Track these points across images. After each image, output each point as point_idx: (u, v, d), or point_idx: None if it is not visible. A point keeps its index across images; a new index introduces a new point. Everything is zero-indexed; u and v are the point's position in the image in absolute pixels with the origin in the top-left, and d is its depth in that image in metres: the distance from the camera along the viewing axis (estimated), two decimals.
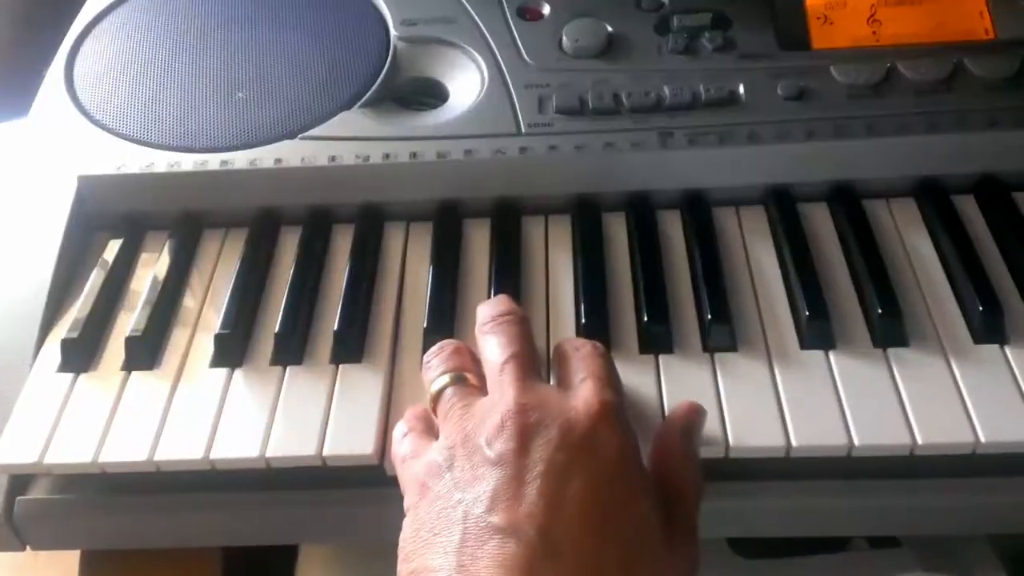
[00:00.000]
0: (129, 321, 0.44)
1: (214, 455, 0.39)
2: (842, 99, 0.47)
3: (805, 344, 0.41)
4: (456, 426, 0.35)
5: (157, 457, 0.39)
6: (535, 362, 0.37)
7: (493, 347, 0.37)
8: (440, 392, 0.37)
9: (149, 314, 0.44)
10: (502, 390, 0.35)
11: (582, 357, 0.37)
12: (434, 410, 0.37)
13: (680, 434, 0.37)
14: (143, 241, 0.49)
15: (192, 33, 0.54)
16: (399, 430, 0.38)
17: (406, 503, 0.34)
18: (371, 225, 0.48)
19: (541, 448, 0.32)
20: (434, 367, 0.38)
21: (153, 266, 0.47)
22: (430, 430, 0.37)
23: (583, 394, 0.34)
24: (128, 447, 0.39)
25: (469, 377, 0.37)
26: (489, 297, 0.43)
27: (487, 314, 0.39)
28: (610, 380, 0.36)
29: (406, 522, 0.34)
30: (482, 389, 0.37)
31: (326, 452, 0.39)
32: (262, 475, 0.40)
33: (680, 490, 0.35)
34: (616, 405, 0.34)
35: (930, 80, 0.47)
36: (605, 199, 0.48)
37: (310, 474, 0.40)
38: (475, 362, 0.38)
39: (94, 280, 0.46)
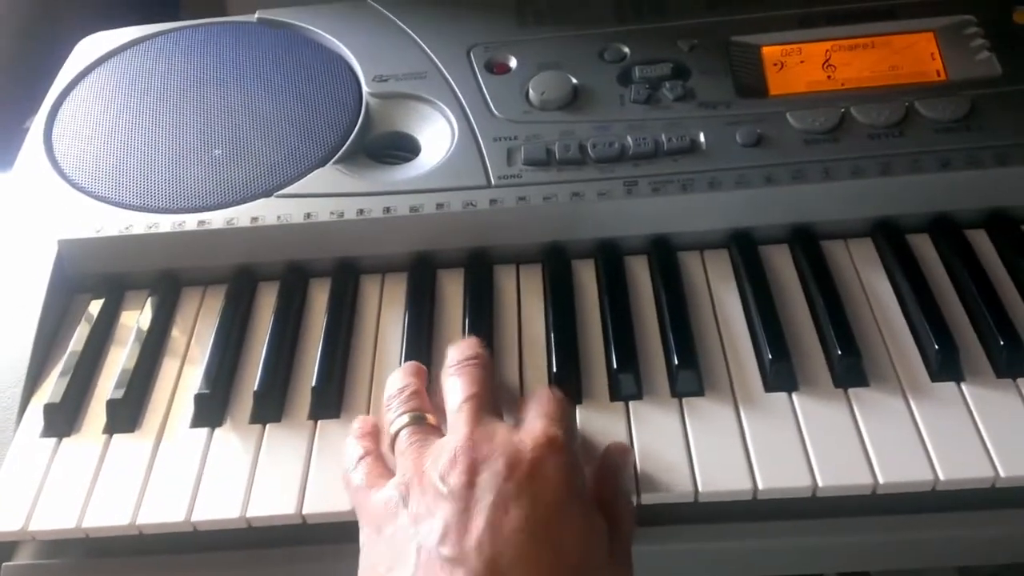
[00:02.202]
0: (110, 383, 0.45)
1: (195, 517, 0.39)
2: (798, 144, 0.48)
3: (769, 386, 0.43)
4: (412, 463, 0.36)
5: (139, 521, 0.40)
6: (493, 403, 0.39)
7: (454, 389, 0.39)
8: (398, 432, 0.38)
9: (130, 376, 0.45)
10: (455, 428, 0.37)
11: (537, 398, 0.39)
12: (392, 448, 0.39)
13: (616, 470, 0.39)
14: (123, 301, 0.50)
15: (168, 94, 0.55)
16: (353, 451, 0.39)
17: (361, 537, 0.36)
18: (347, 279, 0.49)
19: (489, 479, 0.34)
20: (394, 408, 0.40)
21: (133, 326, 0.48)
22: (380, 458, 0.39)
23: (531, 428, 0.36)
24: (110, 511, 0.40)
25: (428, 418, 0.39)
26: None
27: (453, 357, 0.41)
28: (560, 417, 0.38)
29: (361, 556, 0.35)
30: (440, 430, 0.39)
31: (305, 511, 0.39)
32: (245, 534, 0.41)
33: (616, 519, 0.37)
34: (562, 439, 0.36)
35: (883, 124, 0.49)
36: (574, 247, 0.49)
37: (292, 531, 0.40)
38: (435, 405, 0.40)
39: (75, 343, 0.47)
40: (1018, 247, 0.47)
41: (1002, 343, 0.42)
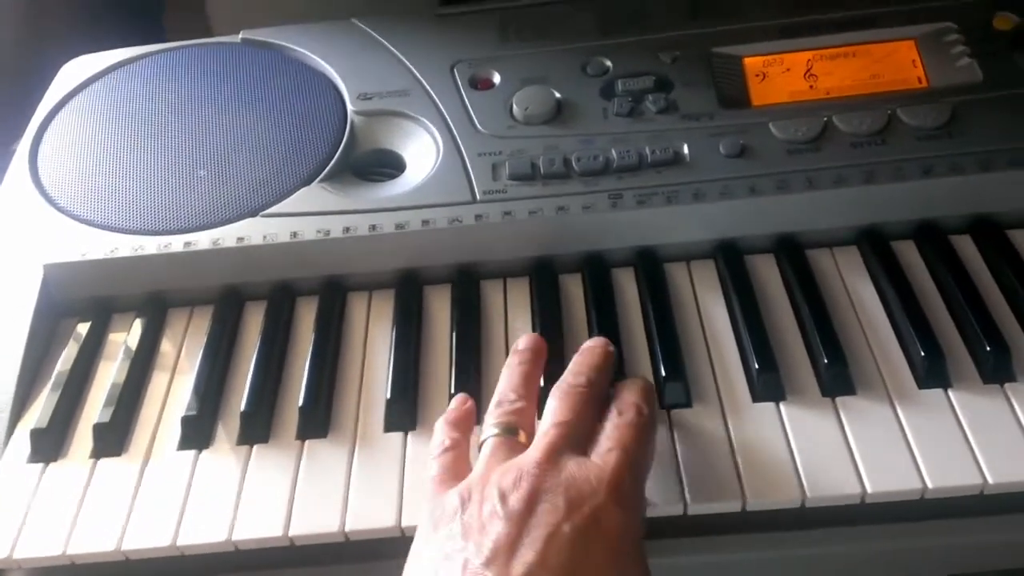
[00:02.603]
0: (97, 406, 0.45)
1: (181, 542, 0.39)
2: (781, 154, 0.49)
3: (756, 397, 0.42)
4: (483, 474, 0.36)
5: (125, 547, 0.39)
6: (583, 434, 0.37)
7: (550, 410, 0.38)
8: (487, 439, 0.38)
9: (116, 399, 0.44)
10: (533, 449, 0.36)
11: (618, 425, 0.37)
12: (479, 448, 0.38)
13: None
14: (110, 324, 0.50)
15: (152, 115, 0.55)
16: (438, 436, 0.40)
17: (420, 528, 0.36)
18: (334, 297, 0.49)
19: (547, 513, 0.33)
20: (495, 415, 0.39)
21: (120, 349, 0.48)
22: (463, 455, 0.39)
23: (600, 467, 0.35)
24: (96, 537, 0.40)
25: (521, 435, 0.38)
26: (451, 366, 0.45)
27: (568, 375, 0.39)
28: (635, 455, 0.36)
29: (416, 548, 0.35)
30: (527, 447, 0.38)
31: (292, 532, 0.39)
32: (233, 557, 0.40)
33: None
34: (630, 488, 0.35)
35: (865, 132, 0.49)
36: (561, 261, 0.49)
37: (281, 553, 0.40)
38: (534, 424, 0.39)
39: (61, 366, 0.47)
40: (1003, 252, 0.47)
41: (988, 349, 0.42)
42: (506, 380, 0.41)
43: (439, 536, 0.34)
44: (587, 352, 0.41)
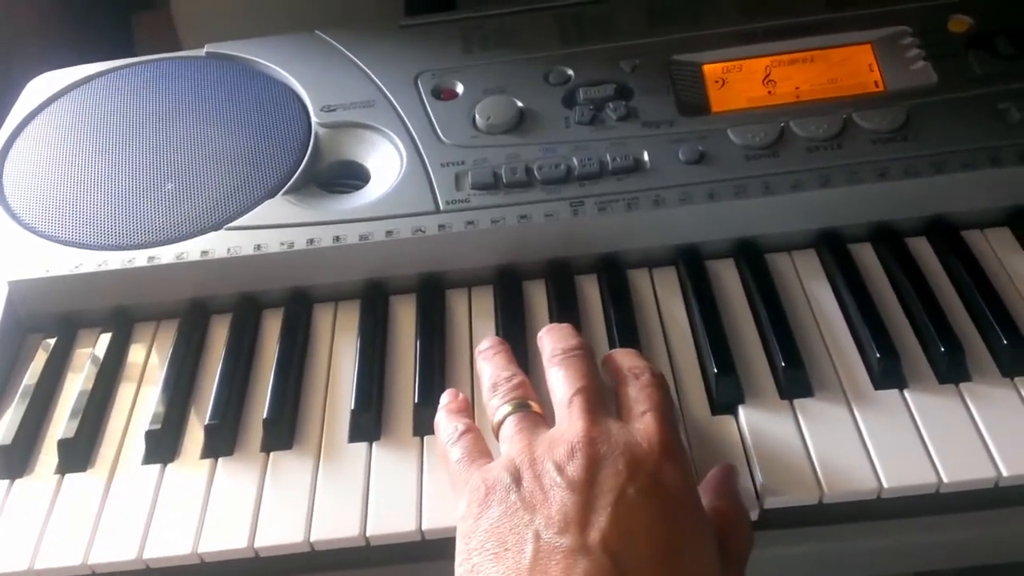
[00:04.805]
0: (62, 422, 0.45)
1: (147, 555, 0.39)
2: (739, 160, 0.49)
3: (716, 403, 0.43)
4: (523, 449, 0.36)
5: (91, 560, 0.40)
6: (602, 395, 0.38)
7: (561, 380, 0.39)
8: (505, 418, 0.38)
9: (81, 415, 0.45)
10: (571, 421, 0.36)
11: (642, 387, 0.38)
12: (496, 434, 0.39)
13: (733, 484, 0.39)
14: (75, 339, 0.50)
15: (117, 130, 0.55)
16: (449, 425, 0.40)
17: (463, 510, 0.35)
18: (299, 309, 0.49)
19: (610, 479, 0.34)
20: (500, 395, 0.40)
21: (86, 363, 0.48)
22: (481, 436, 0.39)
23: (646, 429, 0.36)
24: (62, 552, 0.40)
25: (533, 406, 0.39)
26: (415, 376, 0.45)
27: (555, 347, 0.40)
28: (670, 414, 0.37)
29: (466, 528, 0.35)
30: (546, 420, 0.39)
31: (257, 544, 0.39)
32: (199, 569, 0.41)
33: (732, 533, 0.37)
34: (677, 442, 0.36)
35: (821, 136, 0.50)
36: (524, 268, 0.50)
37: (245, 566, 0.40)
38: (537, 394, 0.40)
39: (27, 381, 0.47)
40: (957, 252, 0.48)
41: (943, 349, 0.43)
42: (490, 367, 0.42)
43: (494, 512, 0.34)
44: (554, 328, 0.42)
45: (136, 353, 0.49)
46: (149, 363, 0.48)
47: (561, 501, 0.33)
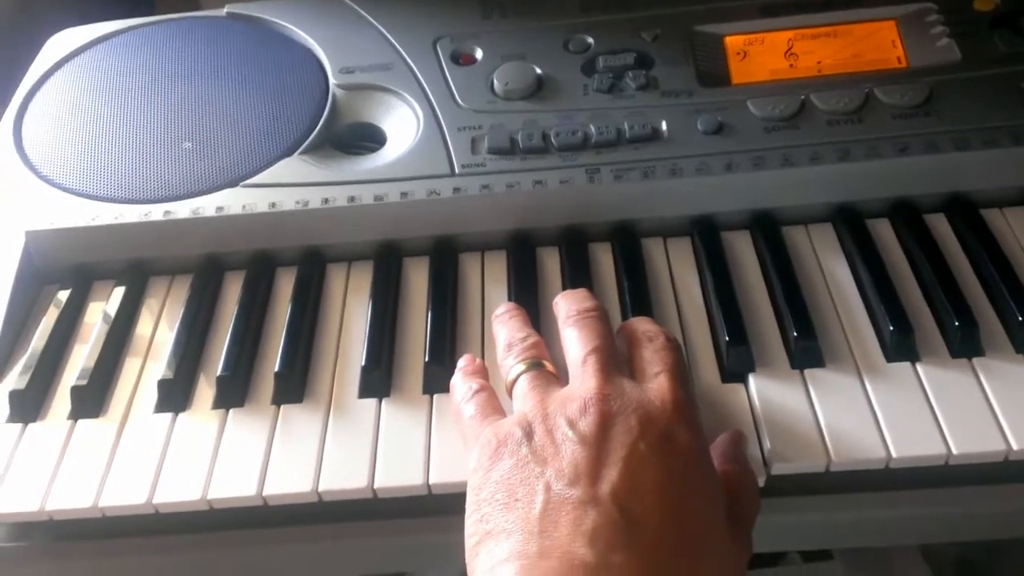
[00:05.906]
0: (76, 370, 0.45)
1: (157, 499, 0.40)
2: (758, 132, 0.49)
3: (727, 370, 0.43)
4: (536, 405, 0.36)
5: (102, 503, 0.40)
6: (616, 356, 0.39)
7: (575, 340, 0.39)
8: (518, 377, 0.39)
9: (95, 362, 0.45)
10: (584, 379, 0.37)
11: (656, 349, 0.38)
12: (510, 392, 0.39)
13: (741, 449, 0.39)
14: (90, 291, 0.50)
15: (137, 88, 0.55)
16: (464, 384, 0.40)
17: (474, 463, 0.36)
18: (313, 267, 0.50)
19: (622, 435, 0.34)
20: (514, 355, 0.40)
21: (100, 315, 0.48)
22: (494, 394, 0.40)
23: (660, 389, 0.36)
24: (74, 494, 0.40)
25: (547, 365, 0.39)
26: (426, 336, 0.45)
27: (571, 308, 0.41)
28: (683, 376, 0.38)
29: (476, 481, 0.35)
30: (559, 379, 0.39)
31: (266, 492, 0.40)
32: (208, 516, 0.41)
33: (740, 496, 0.37)
34: (689, 402, 0.36)
35: (842, 110, 0.49)
36: (538, 234, 0.50)
37: (254, 513, 0.41)
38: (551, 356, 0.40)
39: (41, 331, 0.47)
40: (976, 230, 0.47)
41: (957, 324, 0.43)
42: (506, 329, 0.42)
43: (505, 465, 0.34)
44: (569, 292, 0.42)
45: (150, 306, 0.49)
46: (163, 316, 0.49)
47: (572, 454, 0.33)
